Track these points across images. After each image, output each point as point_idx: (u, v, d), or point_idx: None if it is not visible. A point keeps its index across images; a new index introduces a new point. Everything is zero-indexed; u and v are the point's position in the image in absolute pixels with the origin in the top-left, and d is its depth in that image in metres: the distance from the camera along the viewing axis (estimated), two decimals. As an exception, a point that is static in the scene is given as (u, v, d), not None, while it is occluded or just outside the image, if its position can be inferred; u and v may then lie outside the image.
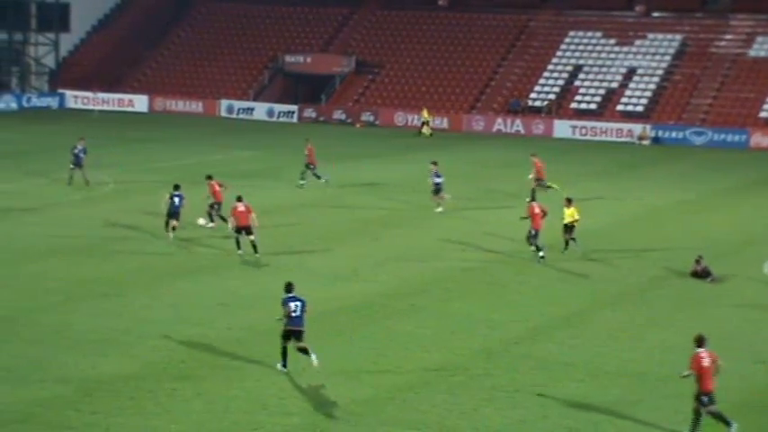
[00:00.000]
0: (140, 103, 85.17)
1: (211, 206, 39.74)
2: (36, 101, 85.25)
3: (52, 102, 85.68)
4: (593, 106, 77.86)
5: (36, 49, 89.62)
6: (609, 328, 28.73)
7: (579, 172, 58.07)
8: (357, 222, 42.48)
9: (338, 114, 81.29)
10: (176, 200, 38.35)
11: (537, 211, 36.42)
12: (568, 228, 36.62)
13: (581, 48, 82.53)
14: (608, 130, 74.59)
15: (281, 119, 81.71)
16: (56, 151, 52.53)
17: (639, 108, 76.89)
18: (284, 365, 24.25)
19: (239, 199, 36.06)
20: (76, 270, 33.40)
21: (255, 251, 35.29)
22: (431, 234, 39.98)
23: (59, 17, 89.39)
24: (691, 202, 49.64)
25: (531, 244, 36.23)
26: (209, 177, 40.35)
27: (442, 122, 78.25)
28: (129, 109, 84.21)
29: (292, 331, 24.03)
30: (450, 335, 27.63)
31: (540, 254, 35.94)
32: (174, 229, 38.02)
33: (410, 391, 23.27)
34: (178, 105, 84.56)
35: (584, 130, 74.96)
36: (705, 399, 20.96)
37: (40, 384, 23.04)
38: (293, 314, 24.03)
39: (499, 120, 77.49)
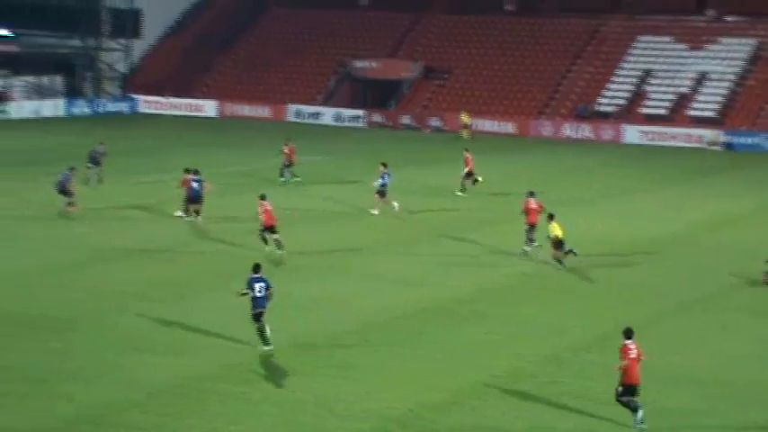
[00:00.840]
0: (210, 108, 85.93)
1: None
2: (109, 106, 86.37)
3: (124, 107, 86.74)
4: (663, 111, 77.08)
5: (109, 54, 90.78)
6: (678, 336, 28.40)
7: (649, 178, 57.54)
8: (424, 227, 42.39)
9: (405, 119, 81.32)
10: (195, 185, 38.85)
11: (533, 206, 36.28)
12: (556, 243, 34.93)
13: (651, 52, 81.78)
14: (678, 136, 73.78)
15: (349, 123, 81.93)
16: (125, 155, 53.23)
17: (711, 113, 75.97)
18: (266, 344, 25.48)
19: (263, 198, 36.34)
20: (142, 272, 33.67)
21: (280, 248, 35.73)
22: (497, 239, 39.75)
23: (132, 23, 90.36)
24: (765, 209, 48.90)
25: (529, 239, 36.17)
26: (188, 171, 40.89)
27: (509, 128, 77.98)
28: (199, 114, 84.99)
29: (259, 312, 25.29)
30: (519, 341, 27.49)
31: (527, 248, 36.08)
32: (197, 213, 38.64)
33: (478, 398, 23.17)
34: (246, 110, 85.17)
35: (653, 136, 74.24)
36: (622, 389, 21.29)
37: (110, 386, 23.25)
38: (258, 294, 25.27)
39: (567, 125, 77.03)
